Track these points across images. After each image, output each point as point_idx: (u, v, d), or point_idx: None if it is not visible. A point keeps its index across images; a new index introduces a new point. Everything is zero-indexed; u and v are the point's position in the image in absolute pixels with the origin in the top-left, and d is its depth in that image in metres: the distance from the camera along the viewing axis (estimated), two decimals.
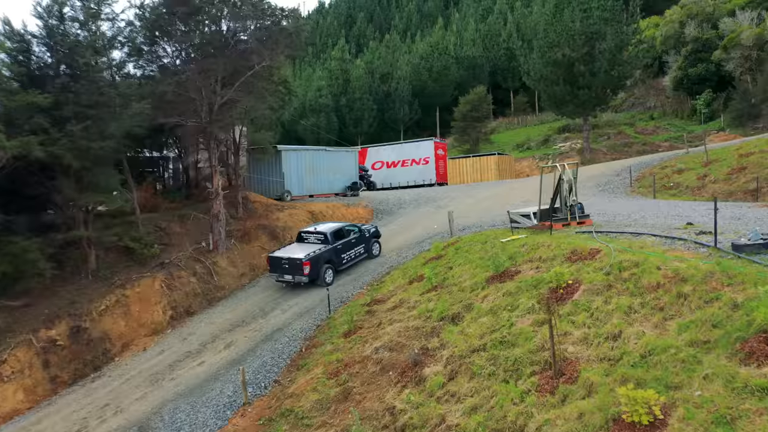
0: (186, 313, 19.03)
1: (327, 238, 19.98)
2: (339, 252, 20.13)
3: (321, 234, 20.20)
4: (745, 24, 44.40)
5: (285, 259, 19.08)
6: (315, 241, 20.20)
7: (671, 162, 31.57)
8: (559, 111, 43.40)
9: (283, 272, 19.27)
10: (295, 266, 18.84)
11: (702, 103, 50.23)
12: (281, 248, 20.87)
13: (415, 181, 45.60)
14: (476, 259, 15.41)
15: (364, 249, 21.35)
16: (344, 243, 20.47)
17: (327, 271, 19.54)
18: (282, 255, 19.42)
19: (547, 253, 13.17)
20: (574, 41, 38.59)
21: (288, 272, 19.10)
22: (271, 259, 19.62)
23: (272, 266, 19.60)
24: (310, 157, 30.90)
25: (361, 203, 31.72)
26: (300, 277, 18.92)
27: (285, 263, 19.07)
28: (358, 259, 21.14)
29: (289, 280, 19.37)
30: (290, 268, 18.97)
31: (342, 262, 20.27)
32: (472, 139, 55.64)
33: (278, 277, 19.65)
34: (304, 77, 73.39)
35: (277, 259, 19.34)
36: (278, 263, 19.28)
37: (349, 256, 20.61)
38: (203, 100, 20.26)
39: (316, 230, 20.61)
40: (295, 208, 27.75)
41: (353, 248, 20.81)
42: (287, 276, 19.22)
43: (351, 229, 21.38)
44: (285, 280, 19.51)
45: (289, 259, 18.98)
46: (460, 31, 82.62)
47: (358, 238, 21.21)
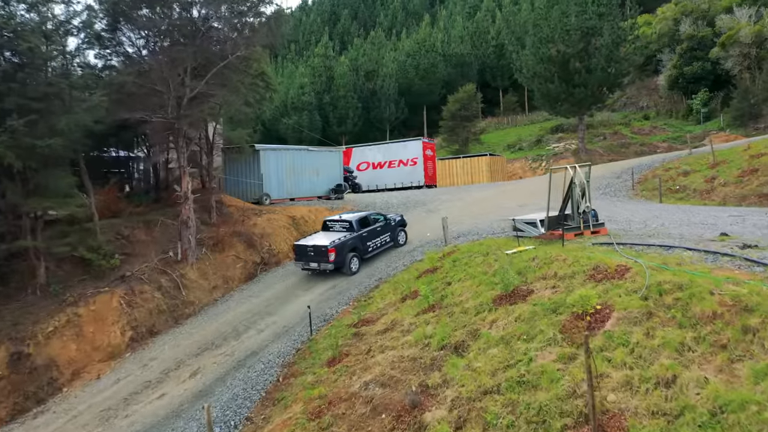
0: (149, 334, 17.05)
1: (352, 225, 20.13)
2: (364, 240, 20.19)
3: (346, 222, 20.41)
4: (743, 21, 43.38)
5: (310, 247, 19.34)
6: (340, 229, 20.46)
7: (675, 163, 30.22)
8: (553, 110, 41.97)
9: (308, 260, 19.48)
10: (320, 253, 19.07)
11: (698, 103, 49.21)
12: (306, 237, 21.23)
13: (403, 183, 43.97)
14: (479, 274, 13.69)
15: (390, 237, 21.39)
16: (370, 231, 20.55)
17: (353, 259, 19.63)
18: (307, 243, 19.68)
19: (564, 269, 11.48)
20: (570, 36, 37.17)
21: (313, 260, 19.32)
22: (297, 247, 19.92)
23: (298, 254, 19.83)
24: (290, 158, 29.03)
25: (346, 207, 29.90)
26: (325, 264, 19.10)
27: (310, 251, 19.31)
28: (385, 247, 21.13)
29: (315, 268, 19.53)
30: (316, 256, 19.21)
31: (368, 250, 20.33)
32: (462, 139, 54.03)
33: (304, 265, 19.80)
34: (287, 74, 71.25)
35: (303, 247, 19.60)
36: (304, 251, 19.54)
37: (375, 244, 20.66)
38: (170, 93, 18.31)
39: (341, 218, 20.87)
40: (274, 212, 25.86)
41: (379, 236, 20.89)
42: (313, 264, 19.42)
43: (376, 217, 21.43)
44: (311, 267, 19.68)
45: (315, 246, 19.22)
46: (447, 29, 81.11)
47: (384, 227, 21.27)
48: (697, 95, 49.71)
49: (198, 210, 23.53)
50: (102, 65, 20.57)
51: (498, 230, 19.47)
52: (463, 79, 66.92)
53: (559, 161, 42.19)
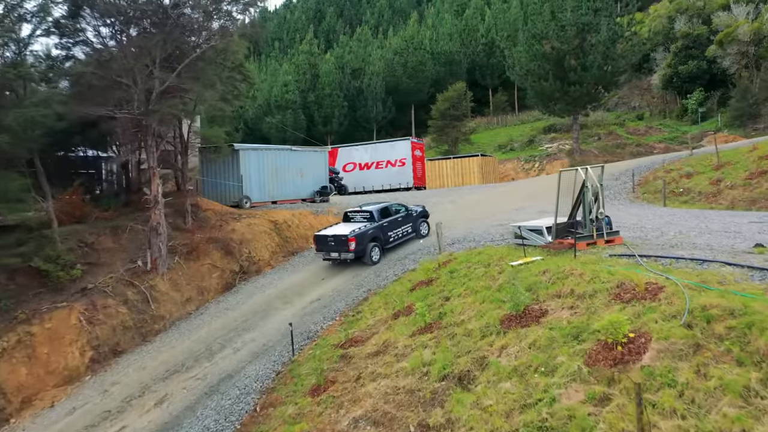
0: (112, 354, 15.43)
1: (373, 216, 20.32)
2: (385, 230, 20.30)
3: (367, 212, 20.63)
4: (741, 18, 42.59)
5: (331, 237, 19.52)
6: (361, 219, 20.64)
7: (676, 165, 29.13)
8: (546, 109, 40.81)
9: (329, 250, 19.67)
10: (340, 242, 19.21)
11: (694, 103, 48.41)
12: (327, 227, 21.31)
13: (391, 184, 42.68)
14: (481, 289, 12.29)
15: (411, 228, 21.51)
16: (391, 221, 20.68)
17: (373, 249, 19.64)
18: (328, 233, 19.85)
19: (582, 285, 10.11)
20: (565, 32, 36.02)
21: (334, 249, 19.49)
22: (318, 237, 20.05)
23: (319, 244, 19.99)
24: (272, 158, 27.46)
25: (332, 210, 28.44)
26: (346, 254, 19.20)
27: (331, 240, 19.49)
28: (406, 238, 21.31)
29: (336, 258, 19.72)
30: (336, 245, 19.37)
31: (389, 240, 20.42)
32: (451, 139, 52.75)
33: (325, 255, 20.04)
34: (270, 72, 69.44)
35: (323, 237, 19.75)
36: (324, 241, 19.71)
37: (396, 235, 20.80)
38: (137, 86, 16.69)
39: (362, 209, 21.07)
40: (254, 216, 24.30)
41: (400, 227, 21.03)
42: (333, 253, 19.59)
43: (398, 208, 21.61)
44: (332, 257, 19.92)
45: (335, 236, 19.39)
46: (435, 26, 79.89)
47: (405, 217, 21.43)
48: (693, 95, 48.92)
49: (172, 214, 21.94)
50: (64, 56, 18.85)
51: (496, 237, 18.12)
52: (452, 78, 65.71)
53: (553, 162, 41.08)
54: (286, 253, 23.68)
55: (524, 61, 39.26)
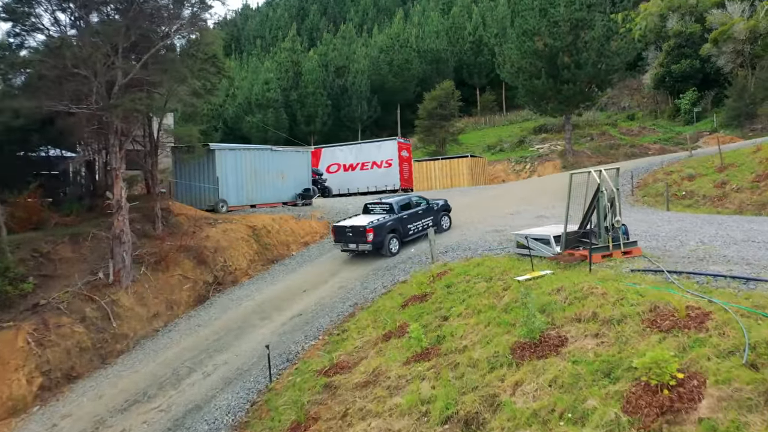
0: (65, 380, 13.78)
1: (392, 208, 20.35)
2: (405, 222, 20.28)
3: (387, 204, 20.68)
4: (736, 16, 41.79)
5: (349, 227, 19.63)
6: (380, 211, 20.63)
7: (676, 166, 28.06)
8: (538, 108, 39.65)
9: (347, 241, 19.76)
10: (358, 233, 19.29)
11: (687, 103, 47.55)
12: (346, 219, 21.47)
13: (377, 186, 41.22)
14: (485, 308, 10.88)
15: (432, 222, 21.18)
16: (411, 214, 20.66)
17: (392, 241, 19.65)
18: (346, 224, 19.99)
19: (607, 308, 8.73)
20: (558, 29, 34.86)
21: (352, 240, 19.57)
22: (336, 228, 20.19)
23: (337, 235, 20.09)
24: (251, 158, 25.86)
25: (315, 214, 26.95)
26: (364, 245, 19.27)
27: (349, 231, 19.59)
28: (426, 231, 20.51)
29: (354, 249, 19.80)
30: (354, 236, 19.45)
31: (408, 233, 20.34)
32: (439, 139, 51.42)
33: (343, 246, 20.13)
34: (251, 69, 67.54)
35: (342, 228, 19.87)
36: (343, 232, 19.82)
37: (416, 228, 20.66)
38: (97, 77, 15.04)
39: (382, 201, 21.17)
40: (231, 222, 22.72)
41: (420, 220, 20.91)
42: (351, 245, 19.69)
43: (419, 201, 21.62)
44: (350, 249, 19.98)
45: (353, 226, 19.49)
46: (421, 24, 78.61)
47: (426, 210, 21.35)
48: (686, 94, 48.03)
49: (140, 220, 20.32)
50: (18, 44, 17.11)
51: (494, 245, 16.77)
52: (438, 77, 64.47)
53: (545, 164, 39.94)
54: (265, 261, 22.13)
55: (515, 58, 38.04)
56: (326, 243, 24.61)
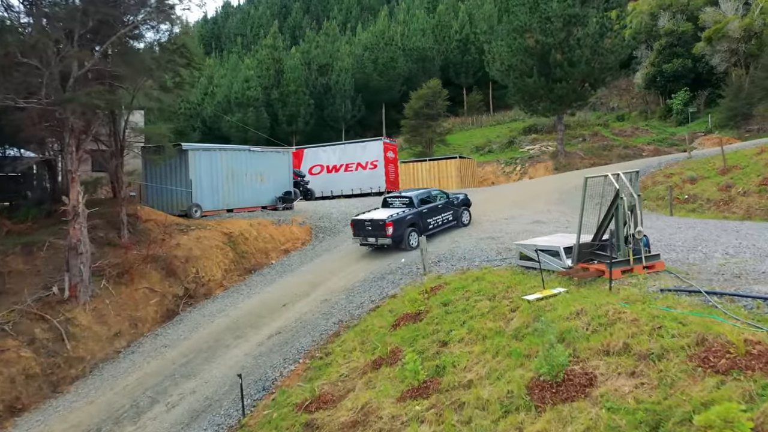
0: (8, 412, 12.14)
1: (412, 201, 20.28)
2: (425, 216, 20.17)
3: (406, 198, 20.68)
4: (730, 14, 41.09)
5: (368, 221, 19.48)
6: (400, 205, 20.58)
7: (676, 169, 26.99)
8: (529, 108, 38.49)
9: (366, 234, 19.60)
10: (378, 227, 19.16)
11: (679, 103, 46.82)
12: (365, 212, 21.13)
13: (361, 188, 39.82)
14: (490, 333, 9.50)
15: (452, 216, 21.22)
16: (430, 208, 20.54)
17: (411, 234, 19.51)
18: (365, 217, 19.82)
19: (642, 339, 7.39)
20: (552, 24, 33.72)
21: (371, 234, 19.42)
22: (355, 222, 20.01)
23: (356, 229, 19.91)
24: (227, 160, 24.28)
25: (296, 219, 25.46)
26: (383, 239, 19.15)
27: (368, 225, 19.43)
28: (446, 225, 21.06)
29: (373, 243, 19.59)
30: (373, 230, 19.31)
31: (428, 227, 20.16)
32: (425, 140, 50.09)
33: (362, 240, 19.91)
34: (230, 66, 65.65)
35: (361, 222, 19.70)
36: (362, 225, 19.63)
37: (436, 222, 20.57)
38: (50, 67, 13.42)
39: (402, 194, 21.30)
40: (205, 228, 21.15)
41: (440, 214, 20.82)
42: (370, 239, 19.51)
43: (439, 195, 21.63)
44: (369, 243, 19.77)
45: (372, 220, 19.38)
46: (406, 22, 77.36)
47: (446, 205, 21.26)
48: (678, 94, 47.32)
49: (103, 227, 18.69)
50: None
51: (491, 255, 15.46)
52: (424, 75, 63.20)
53: (536, 165, 38.81)
54: (242, 271, 20.61)
55: (505, 55, 36.83)
56: (308, 250, 23.15)
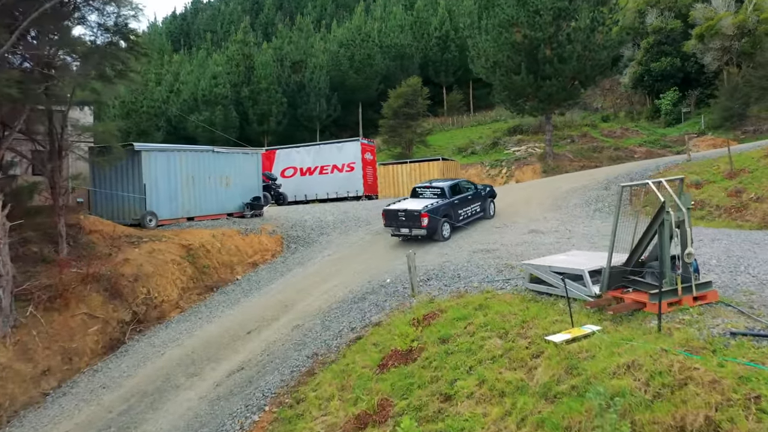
0: None
1: (444, 192, 20.33)
2: (456, 207, 20.19)
3: (437, 188, 20.70)
4: (722, 10, 39.98)
5: (402, 211, 19.43)
6: (431, 195, 20.54)
7: (676, 172, 25.35)
8: (515, 107, 36.73)
9: (399, 225, 19.56)
10: (412, 218, 19.15)
11: (668, 103, 45.65)
12: (395, 202, 21.12)
13: (337, 192, 37.81)
14: (509, 388, 7.46)
15: (480, 207, 21.50)
16: (461, 199, 20.59)
17: (444, 225, 19.43)
18: (398, 207, 19.75)
19: (730, 411, 5.43)
20: (541, 18, 32.01)
21: (405, 225, 19.41)
22: (387, 212, 19.89)
23: (388, 219, 19.82)
24: (188, 162, 21.94)
25: (266, 228, 23.25)
26: (418, 230, 19.16)
27: (402, 215, 19.39)
28: (475, 217, 21.30)
29: (406, 234, 19.56)
30: (407, 221, 19.28)
31: (459, 218, 20.28)
32: (405, 140, 48.05)
33: (394, 231, 19.87)
34: (197, 62, 62.74)
35: (393, 212, 19.63)
36: (394, 216, 19.57)
37: (466, 213, 20.72)
38: None
39: (432, 185, 21.22)
40: (161, 240, 18.82)
41: (470, 205, 20.97)
42: (404, 229, 19.52)
43: (467, 186, 21.83)
44: (401, 233, 19.74)
45: (406, 211, 19.33)
46: (384, 18, 75.28)
47: (475, 196, 21.42)
48: (666, 94, 46.17)
49: (38, 240, 16.30)
50: None
51: (491, 273, 13.49)
52: (403, 73, 61.17)
53: (523, 168, 37.09)
54: (202, 289, 18.33)
55: (491, 51, 35.01)
56: (278, 263, 20.95)
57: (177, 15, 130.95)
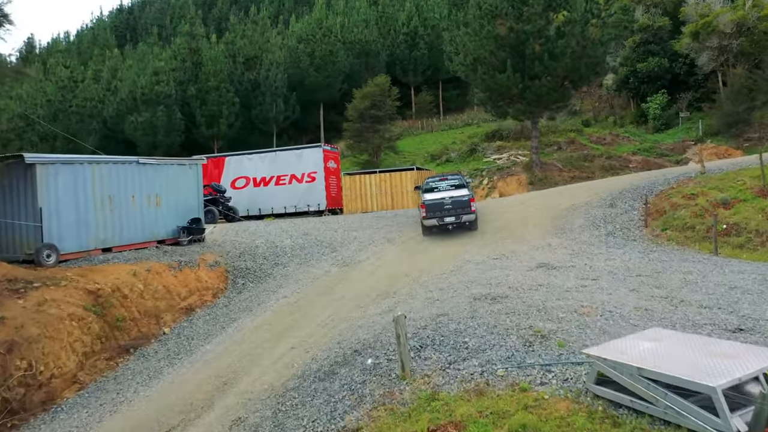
0: None
1: (463, 182, 21.97)
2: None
3: (455, 178, 22.07)
4: (717, 6, 37.45)
5: (448, 200, 19.80)
6: (448, 187, 21.35)
7: (694, 187, 22.16)
8: (497, 110, 33.20)
9: (444, 215, 19.82)
10: (461, 204, 19.81)
11: (656, 107, 43.00)
12: (430, 193, 21.24)
13: (297, 206, 33.99)
14: None
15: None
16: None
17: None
18: (442, 196, 20.15)
19: None
20: (529, 8, 28.58)
21: (451, 213, 19.75)
22: (430, 204, 20.03)
23: (431, 211, 19.95)
24: (104, 177, 17.55)
25: (207, 258, 19.14)
26: (468, 216, 19.91)
27: (448, 204, 19.77)
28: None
29: (451, 222, 19.91)
30: (455, 208, 19.77)
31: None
32: (372, 146, 44.09)
33: (438, 222, 19.95)
34: (137, 56, 57.31)
35: (437, 203, 19.94)
36: (439, 207, 19.85)
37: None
38: None
39: (447, 177, 22.42)
40: (59, 284, 14.42)
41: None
42: (449, 218, 19.81)
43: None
44: (446, 223, 19.95)
45: (453, 198, 19.88)
46: (346, 13, 71.33)
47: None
48: (654, 98, 43.54)
49: None
50: None
51: (514, 343, 9.77)
52: (368, 72, 57.49)
53: (507, 179, 33.57)
54: (113, 351, 14.05)
55: (471, 46, 31.42)
56: (220, 308, 16.83)
57: (123, 8, 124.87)
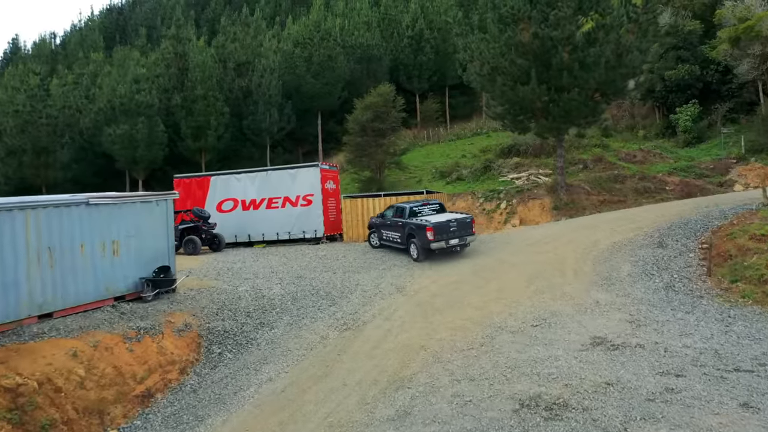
0: None
1: (442, 206, 22.39)
2: None
3: (435, 204, 22.27)
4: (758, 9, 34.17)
5: (453, 222, 19.96)
6: (430, 212, 21.59)
7: (761, 224, 18.55)
8: (517, 126, 29.75)
9: (450, 237, 19.91)
10: (464, 225, 20.16)
11: (687, 119, 39.63)
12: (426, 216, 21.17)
13: (290, 232, 30.61)
14: None
15: None
16: None
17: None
18: (447, 218, 20.25)
19: None
20: (558, 12, 25.18)
21: (456, 235, 19.98)
22: (437, 226, 19.84)
23: (438, 233, 19.83)
24: (40, 224, 14.04)
25: (174, 320, 15.69)
26: (472, 237, 20.47)
27: (453, 226, 19.92)
28: None
29: (455, 245, 20.16)
30: (459, 229, 20.03)
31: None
32: (375, 162, 40.59)
33: (444, 246, 19.93)
34: (116, 62, 53.85)
35: (443, 225, 19.85)
36: (445, 228, 19.84)
37: None
38: None
39: (429, 202, 22.57)
40: None
41: None
42: (453, 240, 19.97)
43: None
44: (452, 245, 20.08)
45: (457, 220, 20.08)
46: (346, 15, 67.99)
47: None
48: (684, 108, 40.16)
49: None
50: None
51: None
52: (370, 79, 53.99)
53: (528, 203, 30.05)
54: None
55: (489, 54, 28.02)
56: (187, 394, 13.28)
57: (113, 8, 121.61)
